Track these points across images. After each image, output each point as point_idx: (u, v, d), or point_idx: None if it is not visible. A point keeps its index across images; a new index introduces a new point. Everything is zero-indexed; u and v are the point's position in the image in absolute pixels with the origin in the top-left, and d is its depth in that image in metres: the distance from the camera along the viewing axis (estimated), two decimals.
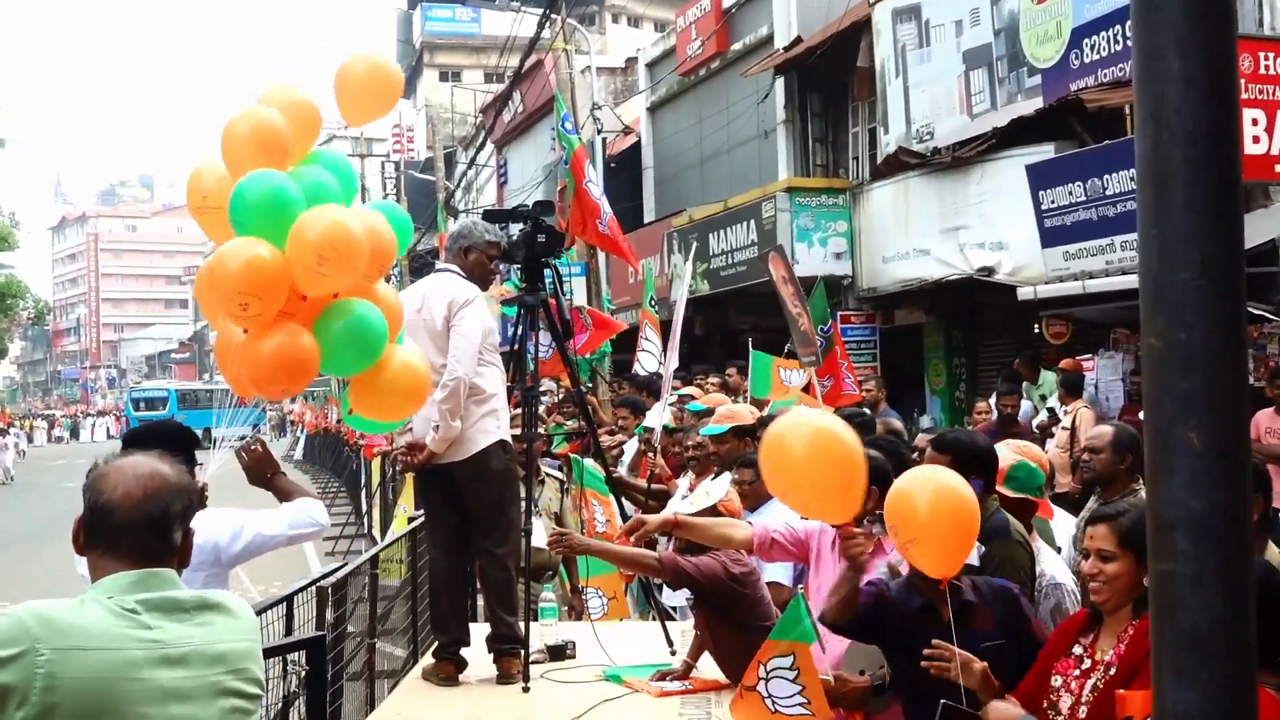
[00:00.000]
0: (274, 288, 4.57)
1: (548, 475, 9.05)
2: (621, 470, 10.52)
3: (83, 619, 2.54)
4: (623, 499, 8.12)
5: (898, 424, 9.32)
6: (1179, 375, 1.70)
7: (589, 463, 9.20)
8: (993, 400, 13.08)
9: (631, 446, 10.77)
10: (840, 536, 4.50)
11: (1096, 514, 4.07)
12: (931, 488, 4.15)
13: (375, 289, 4.96)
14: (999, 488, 5.15)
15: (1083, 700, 3.76)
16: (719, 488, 6.21)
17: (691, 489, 8.25)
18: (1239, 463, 1.70)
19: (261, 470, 5.26)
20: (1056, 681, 3.90)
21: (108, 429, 79.37)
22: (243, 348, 4.78)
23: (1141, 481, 5.68)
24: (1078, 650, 3.90)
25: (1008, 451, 5.55)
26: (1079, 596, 4.81)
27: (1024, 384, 14.19)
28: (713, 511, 5.92)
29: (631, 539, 5.76)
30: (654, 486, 9.13)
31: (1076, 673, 3.86)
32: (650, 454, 9.33)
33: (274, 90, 5.20)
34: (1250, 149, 10.60)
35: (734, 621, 5.81)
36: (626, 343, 19.53)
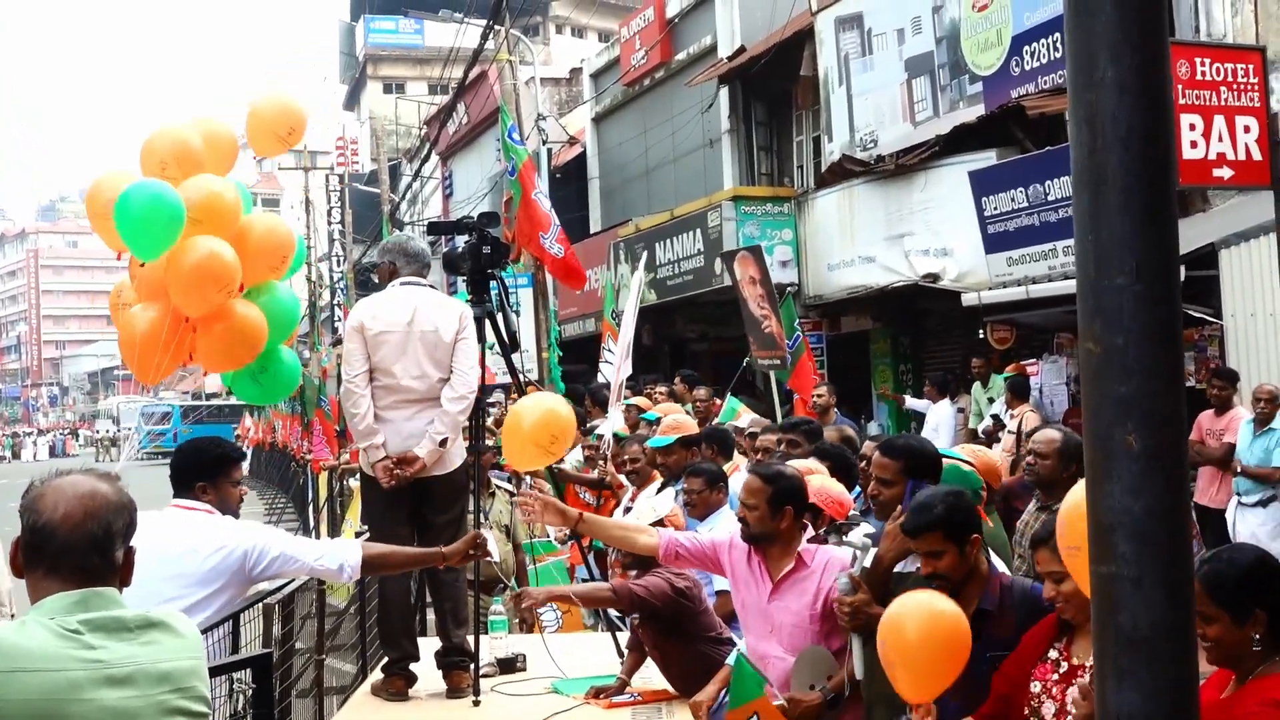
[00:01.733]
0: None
1: (498, 487, 9.05)
2: None
3: (25, 640, 2.51)
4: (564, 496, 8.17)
5: (851, 431, 9.34)
6: (1117, 380, 1.71)
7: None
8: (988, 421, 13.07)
9: (571, 458, 10.78)
10: None
11: (1036, 537, 4.12)
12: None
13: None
14: None
15: (1068, 707, 3.79)
16: (664, 503, 6.23)
17: (633, 499, 8.30)
18: (1177, 466, 1.71)
19: None
20: (1036, 687, 3.92)
21: (50, 447, 78.29)
22: (202, 331, 6.14)
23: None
24: (1054, 654, 3.92)
25: (961, 456, 5.58)
26: None
27: (974, 386, 14.29)
28: (659, 526, 5.93)
29: (531, 514, 5.77)
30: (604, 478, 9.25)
31: (1055, 677, 3.88)
32: (601, 461, 9.36)
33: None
34: (1188, 154, 10.73)
35: (682, 636, 5.82)
36: (581, 354, 19.56)
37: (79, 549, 2.64)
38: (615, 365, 10.83)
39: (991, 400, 13.52)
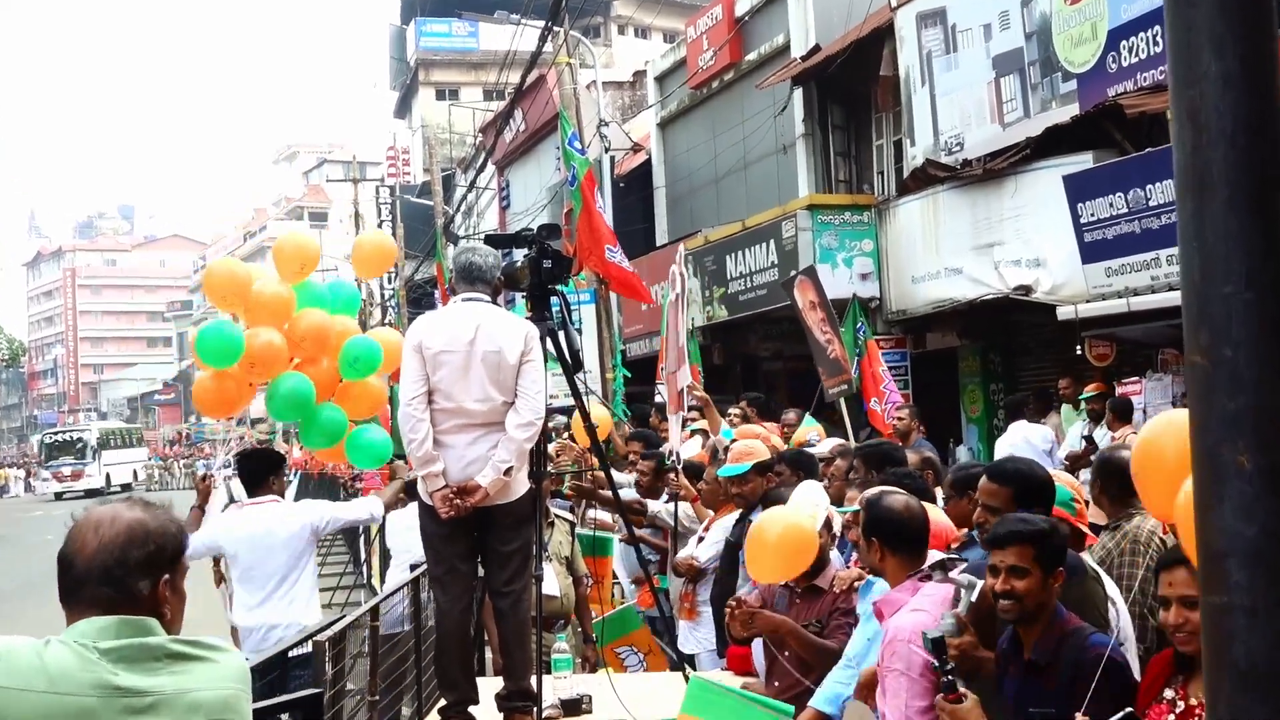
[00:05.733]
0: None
1: (558, 517, 9.05)
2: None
3: (41, 661, 2.58)
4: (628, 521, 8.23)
5: (930, 453, 9.25)
6: (1226, 394, 1.69)
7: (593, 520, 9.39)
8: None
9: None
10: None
11: (1171, 557, 4.04)
12: None
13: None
14: None
15: None
16: (818, 495, 6.28)
17: (707, 529, 8.35)
18: None
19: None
20: None
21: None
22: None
23: (1138, 505, 5.71)
24: (1169, 694, 3.86)
25: None
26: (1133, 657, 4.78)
27: (1064, 408, 14.13)
28: (826, 528, 6.13)
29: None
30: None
31: (1171, 718, 3.83)
32: (672, 474, 9.34)
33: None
34: None
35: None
36: (648, 375, 19.57)
37: (90, 579, 2.73)
38: (669, 375, 10.68)
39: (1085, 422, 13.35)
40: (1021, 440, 13.28)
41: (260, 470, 8.22)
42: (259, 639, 7.48)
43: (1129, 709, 3.88)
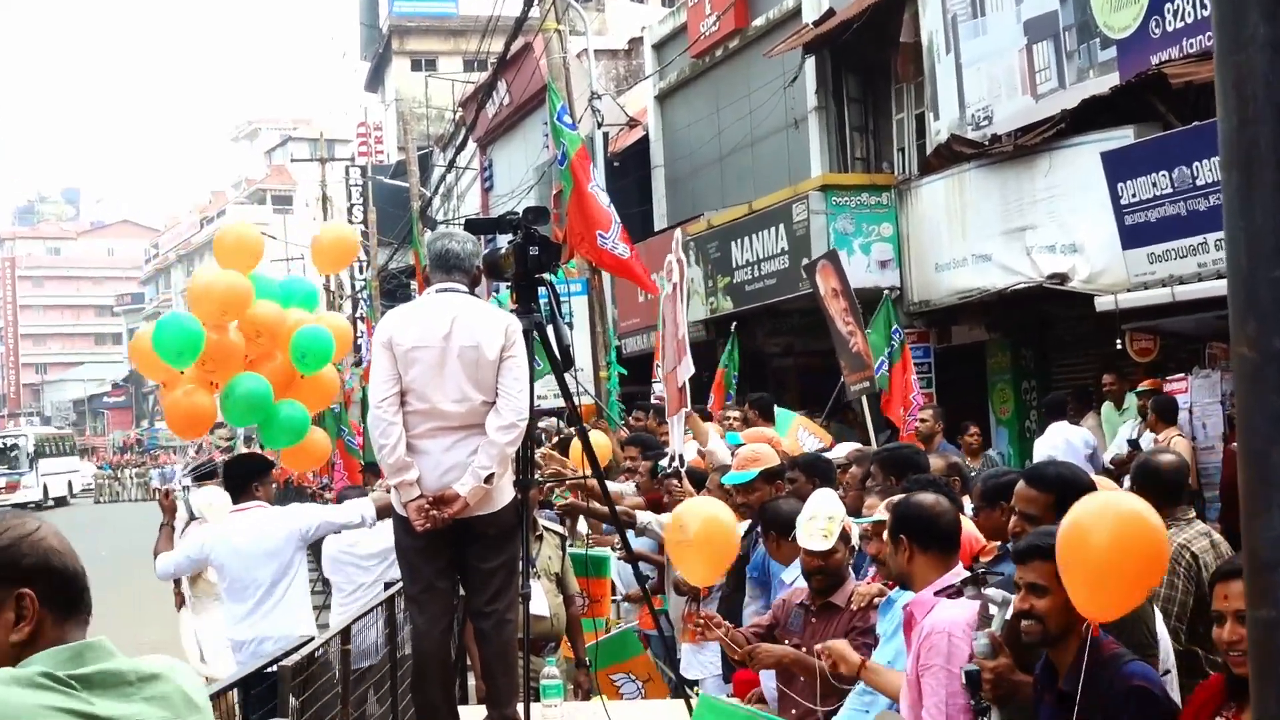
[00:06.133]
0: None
1: (546, 530, 9.03)
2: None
3: (11, 696, 2.54)
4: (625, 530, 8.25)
5: (956, 458, 9.25)
6: (1275, 389, 1.68)
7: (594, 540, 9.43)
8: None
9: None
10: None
11: (1229, 568, 4.02)
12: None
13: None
14: None
15: None
16: (834, 504, 6.31)
17: None
18: None
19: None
20: None
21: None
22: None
23: (1175, 515, 5.77)
24: None
25: None
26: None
27: (1104, 408, 14.10)
28: (843, 541, 6.18)
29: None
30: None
31: None
32: (674, 480, 9.33)
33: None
34: None
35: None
36: (645, 373, 19.59)
37: (88, 591, 2.77)
38: (667, 374, 10.63)
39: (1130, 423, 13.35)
40: (1062, 442, 13.28)
41: (245, 476, 8.59)
42: (251, 652, 7.54)
43: None
